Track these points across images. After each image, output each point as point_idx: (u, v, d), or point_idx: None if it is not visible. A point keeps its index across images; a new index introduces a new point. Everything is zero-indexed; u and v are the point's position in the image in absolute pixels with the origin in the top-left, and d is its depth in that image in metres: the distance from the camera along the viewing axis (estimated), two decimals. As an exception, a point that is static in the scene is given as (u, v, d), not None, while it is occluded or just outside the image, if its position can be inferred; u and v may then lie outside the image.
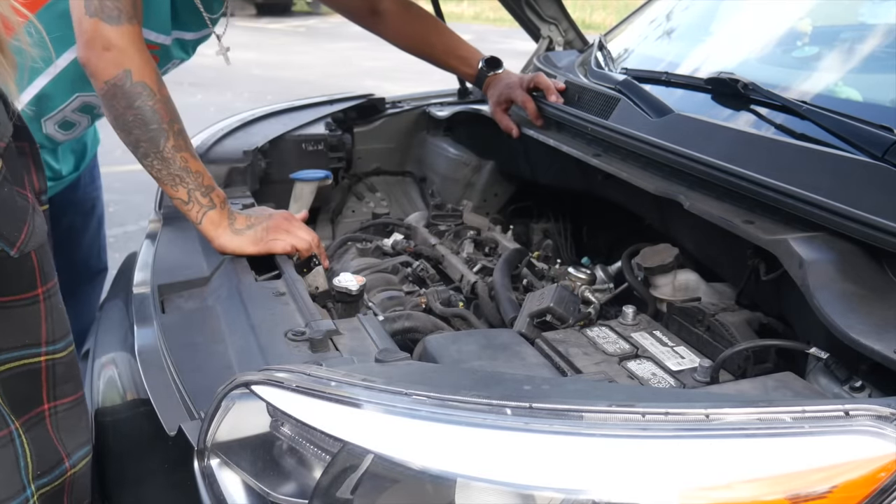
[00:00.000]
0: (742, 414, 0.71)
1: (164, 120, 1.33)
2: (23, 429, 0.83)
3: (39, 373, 0.84)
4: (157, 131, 1.33)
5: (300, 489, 0.80)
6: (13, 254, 0.74)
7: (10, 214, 0.74)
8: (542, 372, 1.06)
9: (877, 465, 0.68)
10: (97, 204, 2.03)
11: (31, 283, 0.81)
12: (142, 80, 1.32)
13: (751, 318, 1.22)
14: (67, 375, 0.88)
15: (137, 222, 4.04)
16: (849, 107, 1.23)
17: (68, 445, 0.89)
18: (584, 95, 1.68)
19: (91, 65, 1.32)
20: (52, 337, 0.85)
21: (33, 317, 0.82)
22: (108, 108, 1.35)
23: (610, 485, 0.68)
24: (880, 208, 1.01)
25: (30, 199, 0.78)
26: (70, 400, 0.89)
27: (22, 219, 0.75)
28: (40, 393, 0.85)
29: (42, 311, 0.83)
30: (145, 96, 1.32)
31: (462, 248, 1.73)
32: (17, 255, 0.75)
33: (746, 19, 1.83)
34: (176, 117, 1.36)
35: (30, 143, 0.82)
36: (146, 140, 1.33)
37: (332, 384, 0.77)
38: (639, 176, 1.39)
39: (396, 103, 2.28)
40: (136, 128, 1.33)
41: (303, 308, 1.17)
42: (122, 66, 1.30)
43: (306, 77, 8.42)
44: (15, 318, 0.80)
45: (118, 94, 1.31)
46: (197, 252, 1.45)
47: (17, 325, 0.81)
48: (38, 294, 0.82)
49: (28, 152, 0.82)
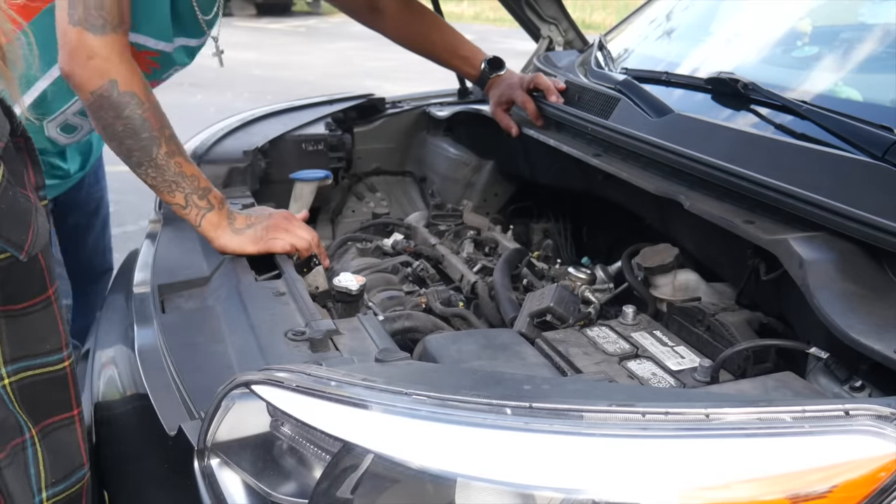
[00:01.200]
0: (742, 414, 0.71)
1: (155, 128, 1.32)
2: (39, 436, 0.81)
3: (66, 378, 0.83)
4: (148, 139, 1.32)
5: (300, 489, 0.80)
6: (22, 258, 0.74)
7: (15, 218, 0.73)
8: (542, 372, 1.06)
9: (877, 465, 0.68)
10: (102, 204, 2.04)
11: (41, 285, 0.80)
12: (129, 90, 1.30)
13: (751, 317, 1.21)
14: None
15: (137, 222, 4.03)
16: (849, 107, 1.23)
17: None
18: (584, 95, 1.68)
19: (75, 76, 1.30)
20: (68, 339, 0.84)
21: (50, 319, 0.81)
22: (95, 119, 1.34)
23: (610, 484, 0.68)
24: (880, 208, 1.01)
25: (32, 198, 0.77)
26: None
27: (27, 221, 0.75)
28: (68, 398, 0.84)
29: (56, 312, 0.82)
30: (133, 105, 1.30)
31: (462, 248, 1.73)
32: (26, 258, 0.74)
33: (746, 19, 1.83)
34: (166, 123, 1.35)
35: (25, 138, 0.81)
36: (138, 149, 1.33)
37: (332, 384, 0.77)
38: (639, 176, 1.39)
39: (396, 103, 2.28)
40: (128, 137, 1.32)
41: (303, 308, 1.17)
42: (108, 77, 1.29)
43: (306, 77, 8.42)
44: (34, 323, 0.79)
45: (105, 105, 1.30)
46: (197, 252, 1.45)
47: (36, 330, 0.80)
48: (50, 296, 0.81)
49: (24, 147, 0.81)
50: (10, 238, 0.73)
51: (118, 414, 1.21)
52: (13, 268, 0.75)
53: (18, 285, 0.77)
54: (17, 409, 0.79)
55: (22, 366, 0.79)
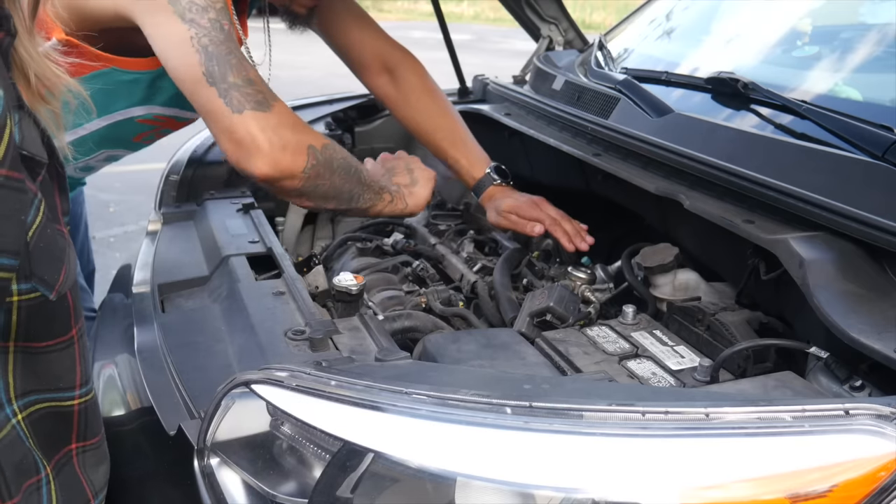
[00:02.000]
0: (742, 413, 0.71)
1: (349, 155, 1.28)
2: (53, 472, 0.78)
3: (72, 416, 0.80)
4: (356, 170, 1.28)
5: (300, 488, 0.80)
6: (52, 297, 0.70)
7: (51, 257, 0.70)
8: (542, 371, 1.06)
9: (877, 464, 0.68)
10: (83, 207, 2.05)
11: (66, 325, 0.76)
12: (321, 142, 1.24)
13: (751, 317, 1.21)
14: (94, 414, 0.83)
15: (137, 222, 4.04)
16: (849, 106, 1.23)
17: (96, 484, 0.85)
18: (584, 95, 1.68)
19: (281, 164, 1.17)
20: (85, 378, 0.80)
21: (68, 360, 0.77)
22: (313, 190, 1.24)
23: (610, 484, 0.68)
24: (880, 208, 1.01)
25: (65, 234, 0.74)
26: (98, 440, 0.85)
27: (61, 258, 0.71)
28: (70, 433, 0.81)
29: (77, 353, 0.78)
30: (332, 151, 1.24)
31: (462, 247, 1.73)
32: (56, 297, 0.71)
33: (746, 19, 1.83)
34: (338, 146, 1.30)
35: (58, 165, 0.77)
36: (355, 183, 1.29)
37: (332, 383, 0.77)
38: (639, 175, 1.39)
39: (397, 103, 2.27)
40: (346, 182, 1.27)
41: (303, 307, 1.17)
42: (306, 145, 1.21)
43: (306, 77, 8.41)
44: (51, 363, 0.76)
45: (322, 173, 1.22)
46: (197, 252, 1.45)
47: (51, 369, 0.76)
48: (73, 336, 0.77)
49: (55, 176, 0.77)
50: (44, 278, 0.69)
51: (118, 413, 1.21)
52: (41, 307, 0.71)
53: (43, 324, 0.73)
54: (34, 446, 0.76)
55: (31, 399, 0.75)
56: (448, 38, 2.25)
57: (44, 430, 0.77)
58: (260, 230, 1.50)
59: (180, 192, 1.73)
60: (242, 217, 1.58)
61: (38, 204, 0.66)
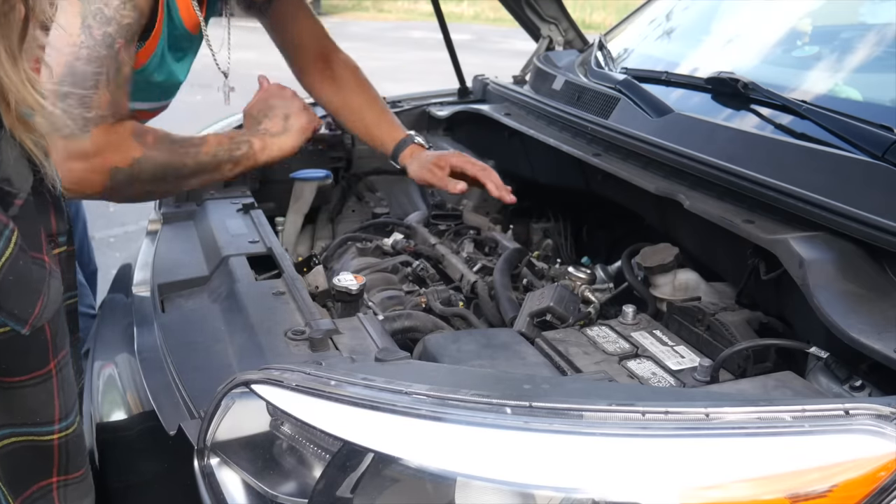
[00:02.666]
0: (742, 413, 0.71)
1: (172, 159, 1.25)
2: None
3: (51, 451, 0.76)
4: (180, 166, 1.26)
5: (300, 488, 0.80)
6: (25, 331, 0.67)
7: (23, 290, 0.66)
8: (542, 371, 1.06)
9: (877, 464, 0.68)
10: (80, 208, 2.04)
11: (42, 359, 0.72)
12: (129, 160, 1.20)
13: (751, 317, 1.21)
14: (78, 448, 0.80)
15: (137, 222, 4.03)
16: (849, 106, 1.23)
17: None
18: (584, 95, 1.68)
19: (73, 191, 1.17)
20: (65, 411, 0.76)
21: (44, 394, 0.74)
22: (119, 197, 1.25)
23: (610, 484, 0.68)
24: (880, 208, 1.01)
25: (46, 263, 0.70)
26: (81, 473, 0.82)
27: (37, 290, 0.68)
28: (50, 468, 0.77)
29: (55, 387, 0.74)
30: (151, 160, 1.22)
31: (462, 247, 1.73)
32: (29, 332, 0.67)
33: (746, 19, 1.83)
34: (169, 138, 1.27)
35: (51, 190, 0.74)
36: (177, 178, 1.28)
37: (331, 383, 0.77)
38: (639, 175, 1.39)
39: (396, 103, 2.28)
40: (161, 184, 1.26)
41: (302, 307, 1.17)
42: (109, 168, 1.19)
43: (306, 77, 8.40)
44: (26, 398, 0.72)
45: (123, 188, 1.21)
46: (197, 252, 1.45)
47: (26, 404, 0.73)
48: (51, 369, 0.73)
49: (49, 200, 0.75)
50: (14, 312, 0.66)
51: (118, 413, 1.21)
52: (12, 341, 0.67)
53: (15, 358, 0.70)
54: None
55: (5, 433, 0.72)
56: (448, 38, 2.25)
57: (14, 464, 0.74)
58: (260, 230, 1.50)
59: (180, 192, 1.73)
60: (242, 217, 1.58)
61: (10, 234, 0.63)
